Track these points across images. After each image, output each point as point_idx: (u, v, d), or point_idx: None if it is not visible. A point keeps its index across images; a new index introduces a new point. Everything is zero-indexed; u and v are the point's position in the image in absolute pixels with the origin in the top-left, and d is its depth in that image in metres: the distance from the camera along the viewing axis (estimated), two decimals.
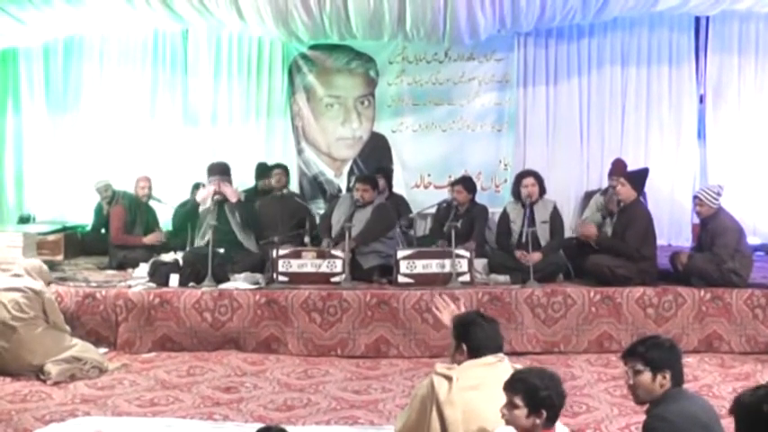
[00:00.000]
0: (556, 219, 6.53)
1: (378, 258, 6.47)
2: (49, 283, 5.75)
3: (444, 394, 3.05)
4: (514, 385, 2.73)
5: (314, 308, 5.94)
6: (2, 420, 4.42)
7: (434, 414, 3.05)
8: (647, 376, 2.89)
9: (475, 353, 3.20)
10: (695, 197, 6.24)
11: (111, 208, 7.41)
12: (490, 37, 7.90)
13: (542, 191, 6.58)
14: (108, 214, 7.50)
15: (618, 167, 7.35)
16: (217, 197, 6.59)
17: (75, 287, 6.16)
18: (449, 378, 3.09)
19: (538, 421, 2.68)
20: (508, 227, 6.65)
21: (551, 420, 2.72)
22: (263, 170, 8.04)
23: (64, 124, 8.87)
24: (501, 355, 3.26)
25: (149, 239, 7.21)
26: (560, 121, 8.58)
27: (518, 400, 2.69)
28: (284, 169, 7.84)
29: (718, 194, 6.05)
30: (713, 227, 6.03)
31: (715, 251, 5.94)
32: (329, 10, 7.20)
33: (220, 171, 6.78)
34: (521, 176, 6.71)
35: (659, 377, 2.88)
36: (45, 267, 5.79)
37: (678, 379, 2.92)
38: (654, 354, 2.91)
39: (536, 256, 6.23)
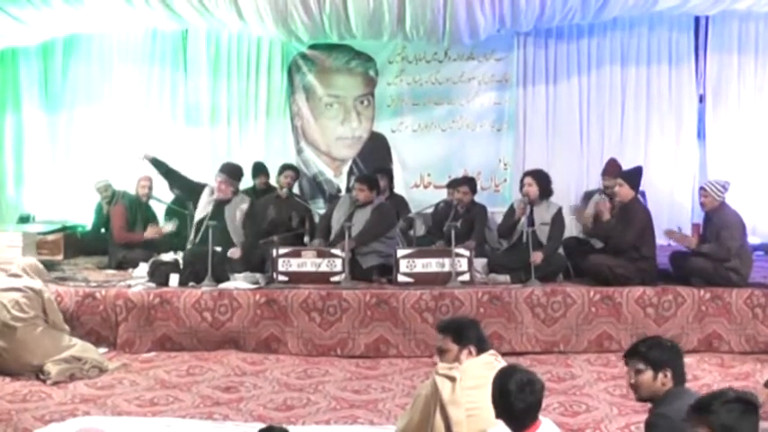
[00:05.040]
0: (555, 222, 6.47)
1: (377, 258, 6.47)
2: (46, 283, 5.74)
3: (448, 394, 3.05)
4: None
5: (314, 307, 5.94)
6: (2, 420, 4.42)
7: (438, 415, 3.05)
8: (648, 375, 2.93)
9: (481, 350, 3.26)
10: (701, 188, 6.28)
11: (112, 207, 7.41)
12: (490, 37, 7.90)
13: (546, 193, 6.52)
14: (108, 214, 7.50)
15: (611, 168, 7.32)
16: (219, 196, 6.56)
17: (74, 287, 6.16)
18: (452, 378, 3.09)
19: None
20: (512, 219, 6.61)
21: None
22: (257, 169, 8.00)
23: (63, 124, 8.87)
24: (495, 353, 3.30)
25: (149, 233, 7.20)
26: (560, 121, 8.57)
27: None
28: (295, 171, 7.83)
29: (724, 188, 6.09)
30: (718, 220, 6.04)
31: (723, 244, 5.94)
32: (329, 10, 7.19)
33: (227, 170, 6.64)
34: (523, 175, 6.71)
35: (660, 375, 2.92)
36: (41, 267, 5.79)
37: (680, 377, 2.96)
38: (655, 353, 2.95)
39: (538, 257, 6.23)
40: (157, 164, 6.97)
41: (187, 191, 7.12)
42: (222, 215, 6.54)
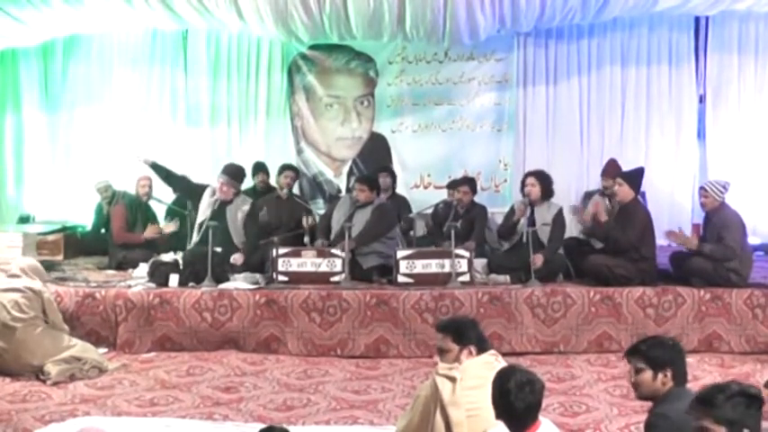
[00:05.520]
0: (556, 222, 6.47)
1: (377, 258, 6.47)
2: (45, 283, 5.74)
3: (448, 395, 3.05)
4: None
5: (314, 308, 5.94)
6: (2, 420, 4.42)
7: (438, 415, 3.05)
8: (648, 375, 2.94)
9: (481, 350, 3.26)
10: (701, 188, 6.28)
11: (112, 207, 7.41)
12: (490, 37, 7.89)
13: (547, 193, 6.53)
14: (108, 214, 7.50)
15: (610, 169, 7.32)
16: (220, 197, 6.55)
17: (74, 287, 6.16)
18: (452, 378, 3.08)
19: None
20: (511, 225, 6.62)
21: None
22: (257, 168, 7.97)
23: (63, 124, 8.87)
24: (495, 353, 3.30)
25: (149, 233, 7.20)
26: (560, 121, 8.57)
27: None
28: (295, 171, 7.82)
29: (725, 188, 6.09)
30: (718, 221, 6.04)
31: (727, 244, 5.93)
32: (329, 10, 7.20)
33: (229, 172, 6.64)
34: (525, 176, 6.72)
35: (660, 375, 2.92)
36: (40, 267, 5.79)
37: (681, 377, 2.96)
38: (655, 352, 2.95)
39: (539, 260, 6.22)
40: (157, 168, 6.96)
41: (189, 193, 7.12)
42: (224, 216, 6.55)
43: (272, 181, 7.89)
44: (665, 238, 6.39)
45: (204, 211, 6.58)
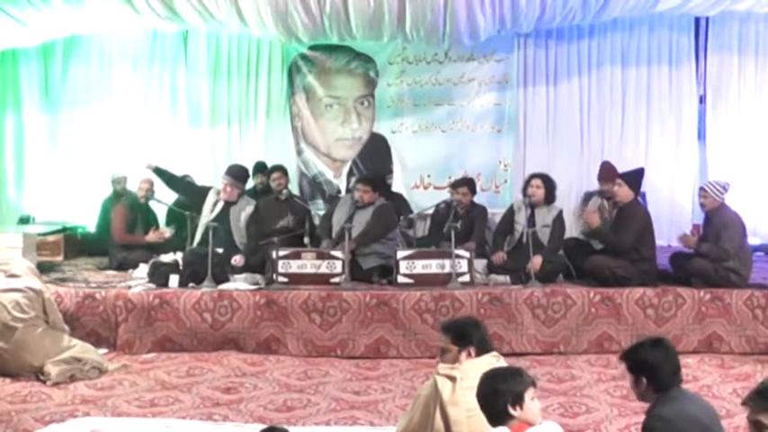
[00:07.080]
0: (556, 224, 6.48)
1: (378, 259, 6.47)
2: (44, 284, 5.74)
3: (448, 394, 3.06)
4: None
5: (314, 308, 5.94)
6: (2, 421, 4.42)
7: (438, 415, 3.05)
8: (630, 380, 2.99)
9: (482, 351, 3.25)
10: (701, 189, 6.29)
11: (113, 207, 7.41)
12: (490, 37, 7.89)
13: (550, 197, 6.54)
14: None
15: (605, 172, 7.30)
16: (224, 197, 6.55)
17: (74, 288, 6.16)
18: (452, 378, 3.09)
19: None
20: (508, 225, 6.64)
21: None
22: (257, 168, 7.98)
23: (63, 124, 8.87)
24: (497, 354, 3.30)
25: (151, 237, 7.20)
26: (560, 122, 8.57)
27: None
28: (283, 171, 7.80)
29: (725, 189, 6.10)
30: (718, 221, 6.05)
31: (721, 245, 5.94)
32: (329, 10, 7.19)
33: (232, 173, 6.67)
34: (530, 177, 6.73)
35: (642, 380, 2.93)
36: (35, 269, 5.79)
37: (660, 382, 2.91)
38: (630, 358, 2.98)
39: (538, 263, 6.22)
40: (160, 173, 6.98)
41: (191, 195, 7.11)
42: (227, 217, 6.55)
43: None
44: (677, 242, 6.40)
45: (209, 211, 6.59)
